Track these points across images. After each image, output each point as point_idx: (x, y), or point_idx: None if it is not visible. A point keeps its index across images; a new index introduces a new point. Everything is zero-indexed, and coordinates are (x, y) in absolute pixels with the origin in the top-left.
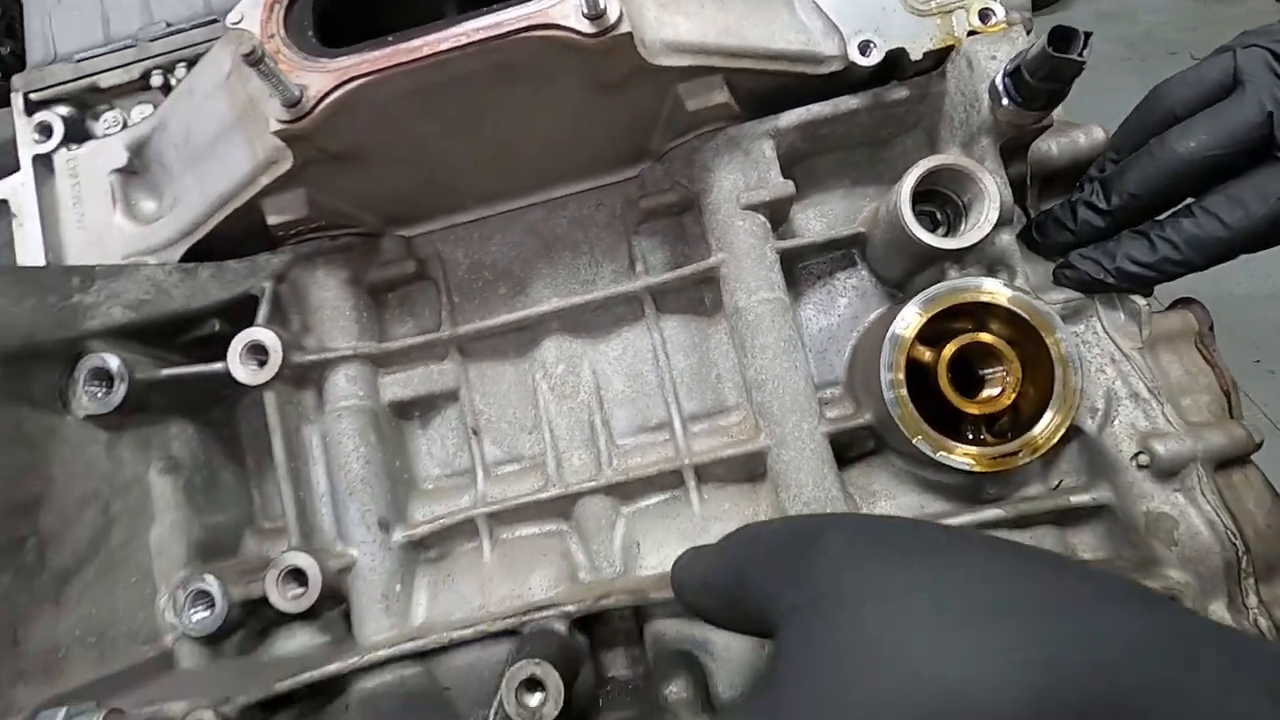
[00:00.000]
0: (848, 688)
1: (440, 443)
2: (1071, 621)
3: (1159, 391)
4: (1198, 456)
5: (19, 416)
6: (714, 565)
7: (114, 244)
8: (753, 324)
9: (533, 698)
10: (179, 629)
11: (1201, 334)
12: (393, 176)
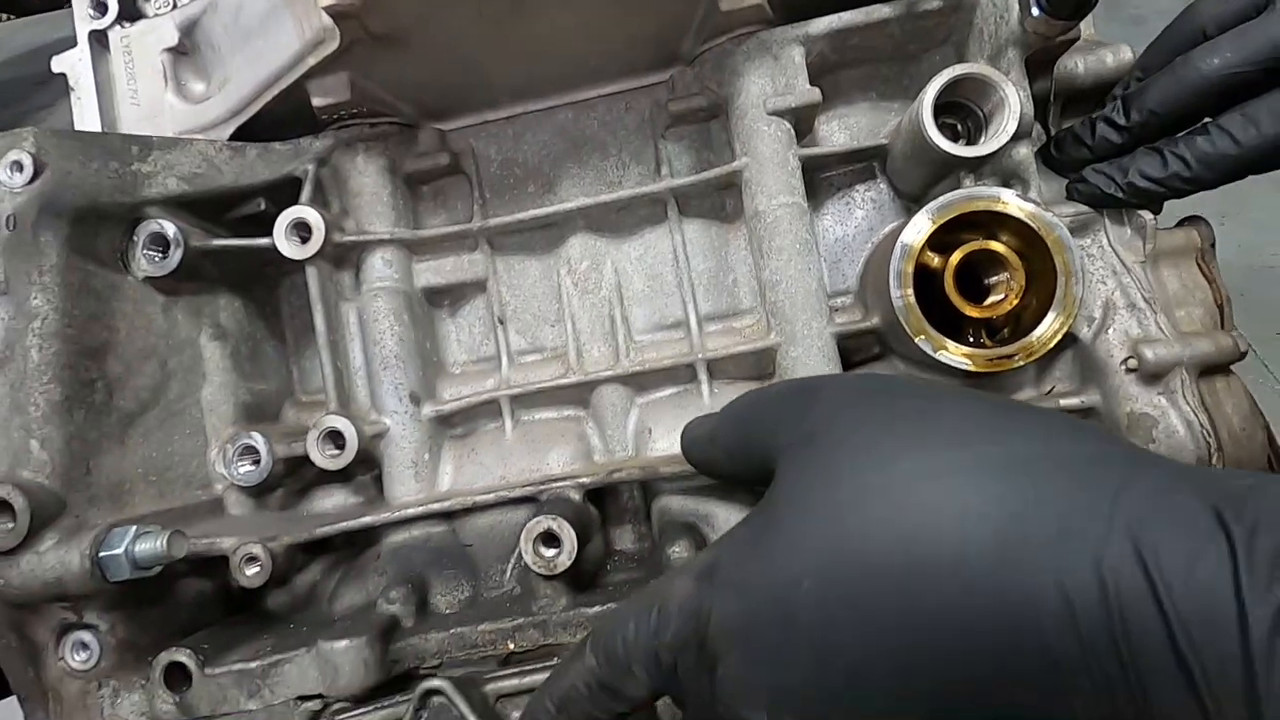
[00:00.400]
0: (836, 509)
1: (468, 330)
2: (1042, 480)
3: (1154, 302)
4: (1183, 361)
5: (87, 271)
6: (720, 421)
7: (166, 121)
8: (771, 226)
9: (549, 551)
10: (228, 479)
11: (1203, 250)
12: (431, 64)
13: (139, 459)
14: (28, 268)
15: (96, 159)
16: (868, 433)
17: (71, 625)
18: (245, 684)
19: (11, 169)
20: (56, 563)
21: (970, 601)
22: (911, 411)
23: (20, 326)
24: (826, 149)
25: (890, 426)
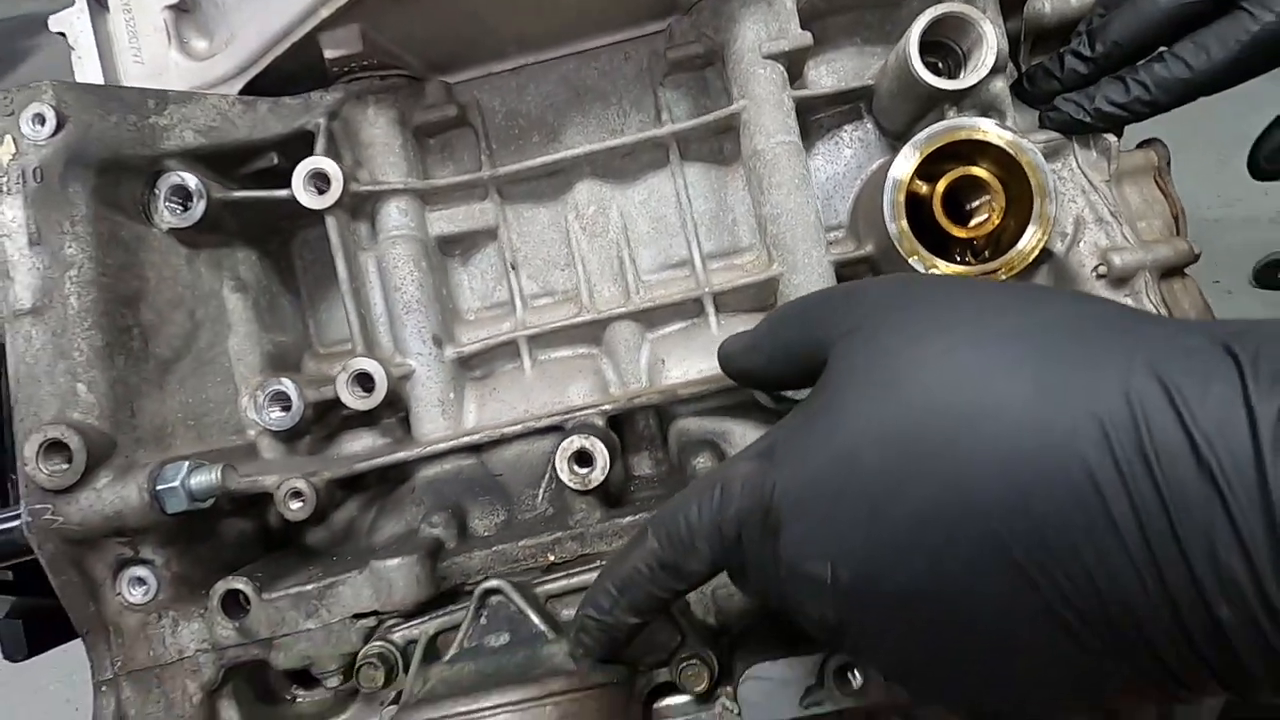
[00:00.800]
0: (888, 381)
1: (480, 278)
2: (1072, 335)
3: (1119, 215)
4: (1146, 265)
5: (114, 222)
6: (760, 331)
7: (172, 78)
8: (770, 163)
9: (583, 468)
10: (260, 425)
11: (1159, 169)
12: (440, 14)
13: (177, 404)
14: (59, 218)
15: (115, 112)
16: (912, 314)
17: (128, 561)
18: (302, 605)
19: (34, 121)
20: (115, 497)
21: (1017, 441)
22: (951, 295)
23: (57, 275)
24: (817, 90)
25: (933, 308)
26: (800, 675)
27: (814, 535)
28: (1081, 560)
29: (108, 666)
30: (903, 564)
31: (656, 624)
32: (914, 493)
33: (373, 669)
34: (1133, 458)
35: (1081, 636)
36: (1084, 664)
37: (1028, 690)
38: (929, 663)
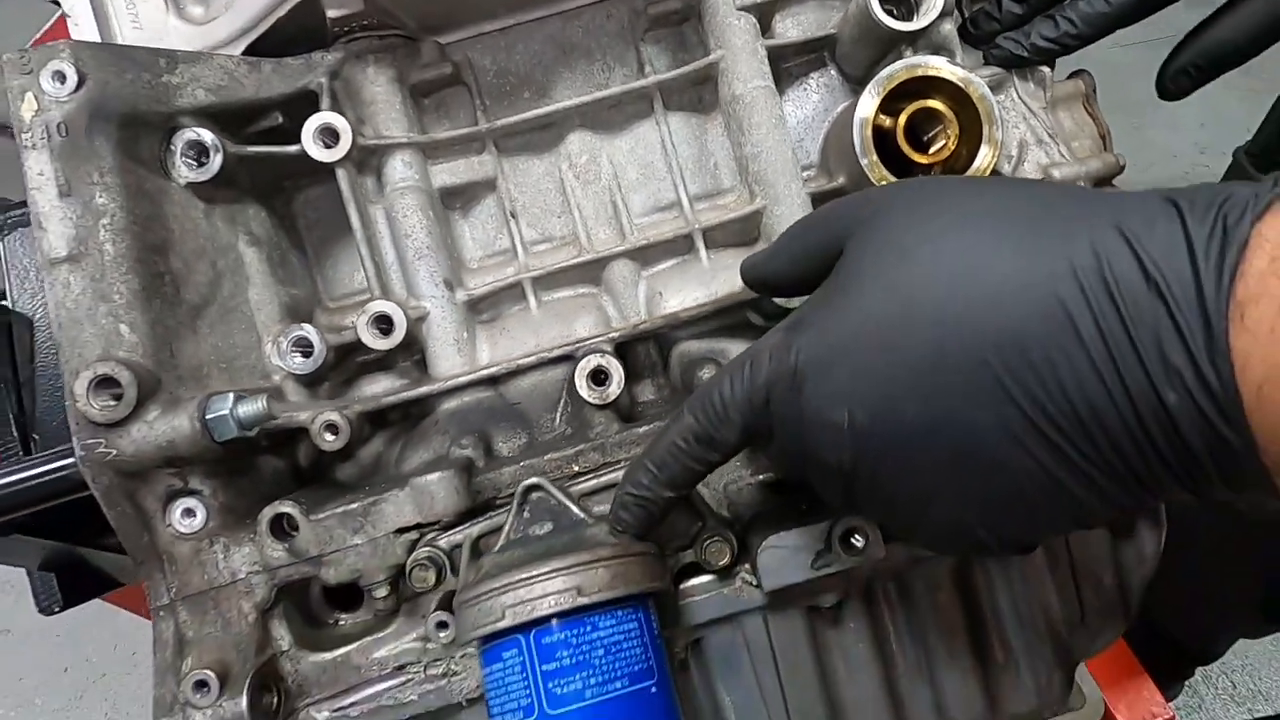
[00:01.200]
0: (895, 259)
1: (481, 228)
2: (1049, 204)
3: (1055, 137)
4: (1081, 177)
5: (138, 174)
6: (783, 239)
7: (174, 42)
8: (748, 105)
9: (600, 386)
10: (284, 370)
11: (1087, 95)
12: None
13: (209, 348)
14: (87, 169)
15: (129, 70)
16: (915, 205)
17: (177, 492)
18: (348, 523)
19: (55, 79)
20: (167, 427)
21: (1002, 288)
22: (944, 188)
23: (90, 224)
24: (786, 39)
25: (931, 199)
26: (810, 541)
27: (833, 387)
28: (1056, 373)
29: (164, 592)
30: (910, 401)
31: (679, 513)
32: (919, 340)
33: (423, 570)
34: (1095, 285)
35: (1063, 450)
36: (1070, 483)
37: (1021, 514)
38: (933, 494)
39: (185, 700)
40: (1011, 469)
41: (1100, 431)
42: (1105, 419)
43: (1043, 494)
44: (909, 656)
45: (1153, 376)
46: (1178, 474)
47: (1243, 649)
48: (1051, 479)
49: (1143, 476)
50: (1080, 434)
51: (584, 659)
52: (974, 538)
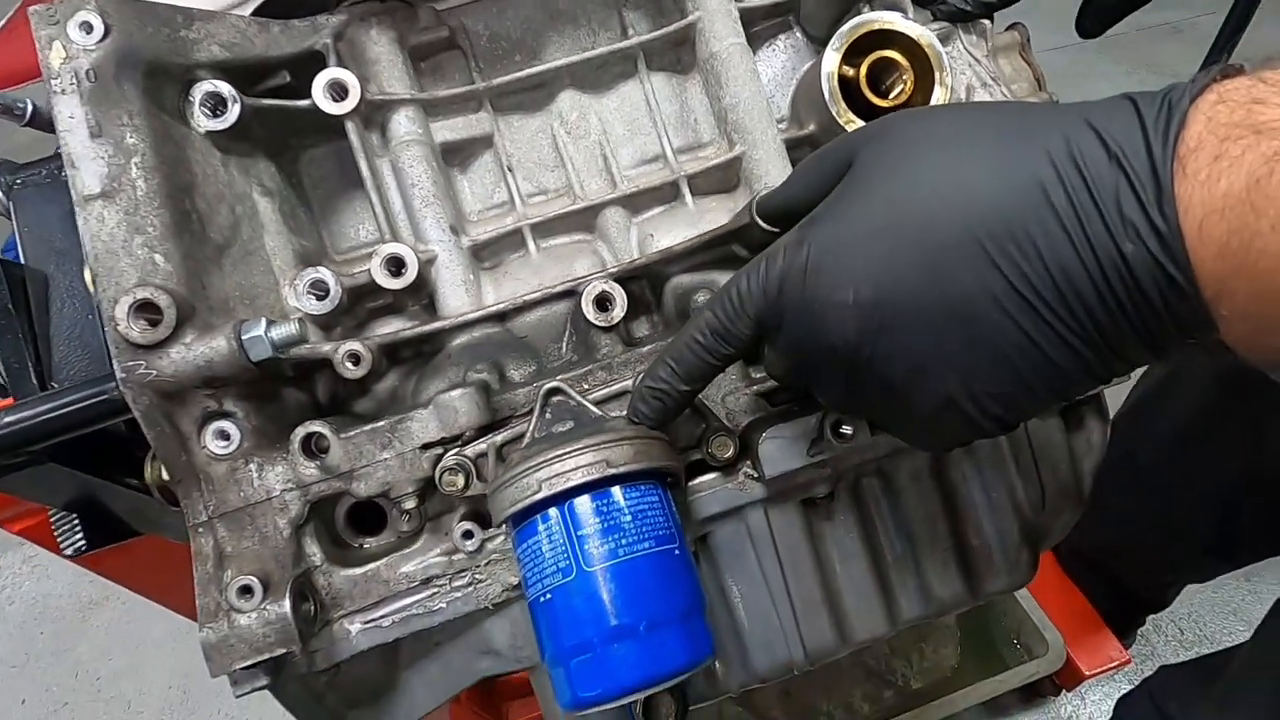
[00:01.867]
0: (895, 167)
1: (479, 182)
2: (1032, 115)
3: (998, 80)
4: None
5: (163, 120)
6: (799, 169)
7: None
8: (726, 61)
9: (604, 310)
10: (301, 311)
11: (1023, 44)
12: None
13: (233, 284)
14: (117, 112)
15: (150, 23)
16: (918, 120)
17: (212, 415)
18: (377, 439)
19: (82, 28)
20: (205, 348)
21: (990, 179)
22: (947, 108)
23: (122, 162)
24: (755, 3)
25: (935, 115)
26: (805, 432)
27: (841, 270)
28: (1034, 241)
29: (201, 510)
30: (909, 274)
31: (686, 418)
32: (917, 222)
33: (452, 474)
34: (1066, 164)
35: (1042, 315)
36: (1049, 350)
37: (1005, 382)
38: (927, 369)
39: (230, 606)
40: (997, 336)
41: (1073, 294)
42: (1076, 280)
43: (1025, 361)
44: (895, 545)
45: (1113, 231)
46: (1139, 329)
47: (1188, 597)
48: (1033, 345)
49: (1110, 338)
50: (1056, 298)
51: (614, 524)
52: (962, 415)
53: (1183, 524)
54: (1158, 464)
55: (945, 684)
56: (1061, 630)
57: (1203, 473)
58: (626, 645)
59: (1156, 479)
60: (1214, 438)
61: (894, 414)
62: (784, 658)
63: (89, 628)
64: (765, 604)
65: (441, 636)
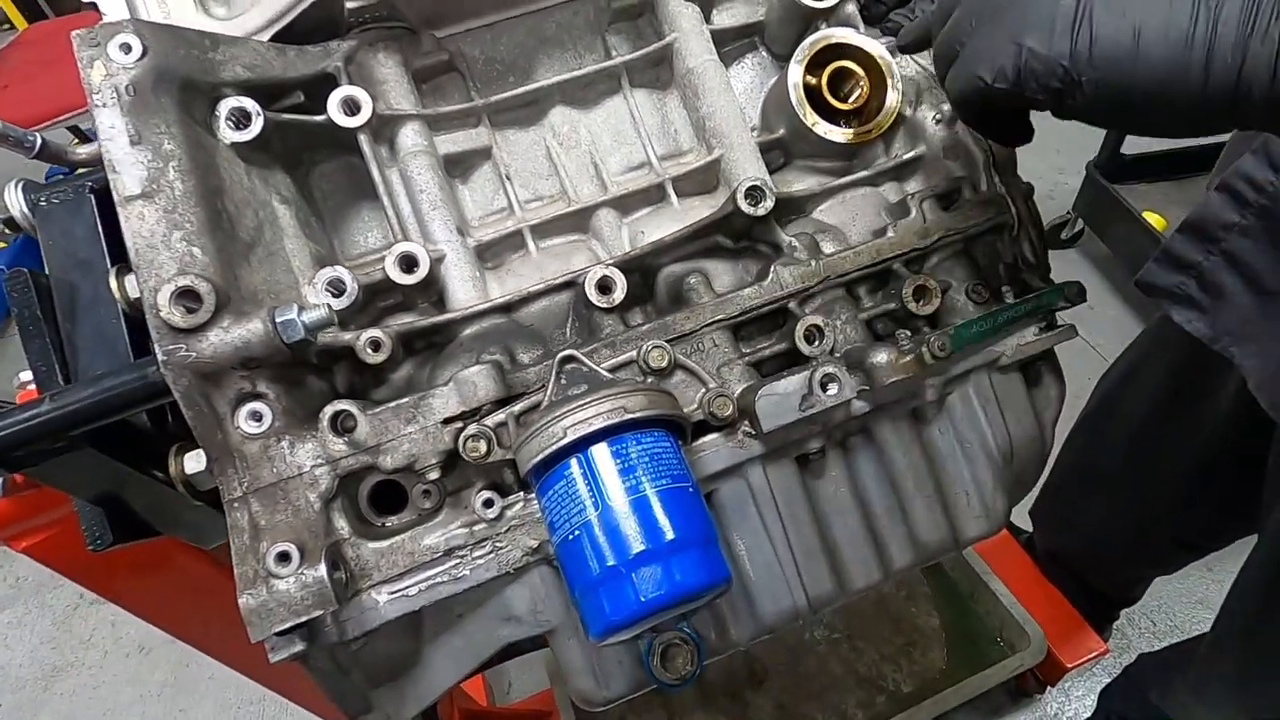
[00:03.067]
0: None
1: (480, 191)
2: None
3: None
4: None
5: (195, 130)
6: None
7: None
8: (701, 75)
9: (606, 293)
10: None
11: None
12: None
13: (260, 279)
14: (155, 121)
15: (182, 46)
16: None
17: (246, 396)
18: (402, 414)
19: (122, 49)
20: (243, 330)
21: None
22: None
23: (161, 165)
24: (725, 25)
25: None
26: (797, 388)
27: None
28: None
29: (236, 486)
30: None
31: (686, 382)
32: None
33: (475, 441)
34: None
35: None
36: None
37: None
38: None
39: (268, 572)
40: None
41: None
42: None
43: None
44: (883, 497)
45: None
46: None
47: (1158, 590)
48: None
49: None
50: None
51: (632, 464)
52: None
53: (1146, 522)
54: (1116, 470)
55: (935, 685)
56: (1042, 626)
57: (1159, 472)
58: (652, 567)
59: (1117, 484)
60: (1165, 438)
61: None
62: (789, 606)
63: (51, 696)
64: (769, 555)
65: (463, 608)
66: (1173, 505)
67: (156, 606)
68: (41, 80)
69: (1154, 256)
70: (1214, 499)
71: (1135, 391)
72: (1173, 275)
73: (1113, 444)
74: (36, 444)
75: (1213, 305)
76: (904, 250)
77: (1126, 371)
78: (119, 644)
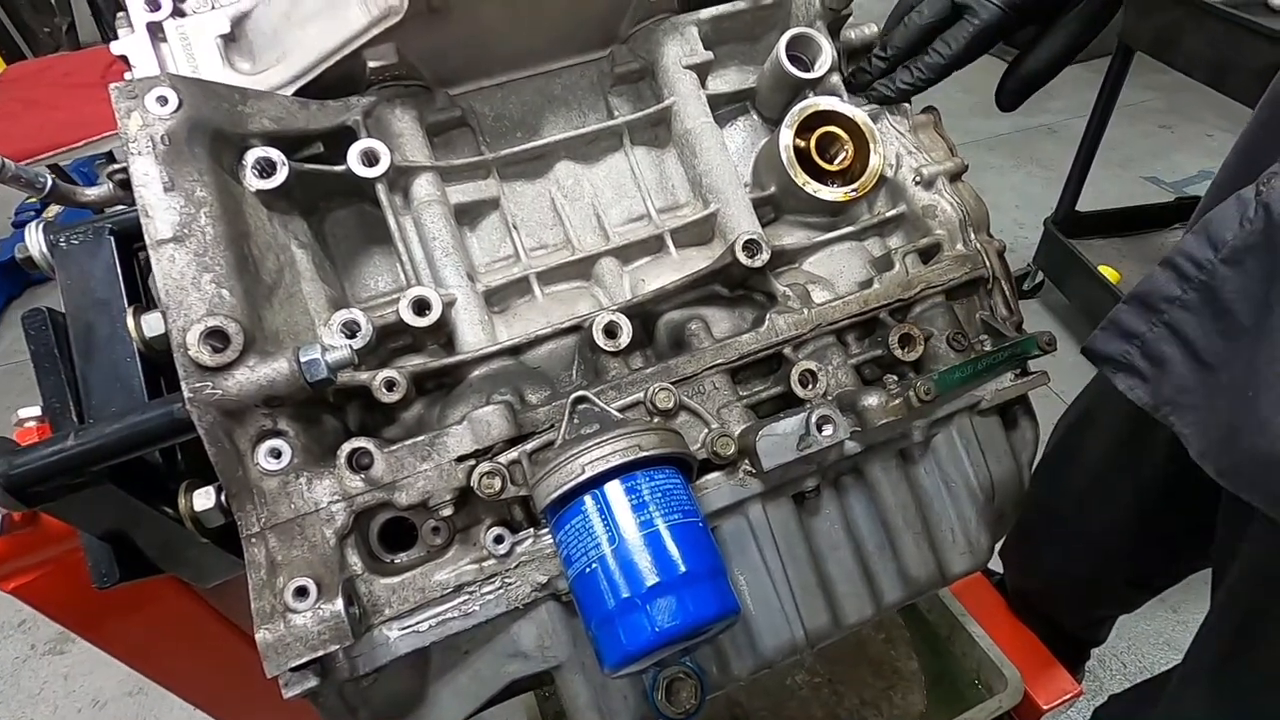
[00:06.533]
0: None
1: (487, 239)
2: None
3: (920, 149)
4: (941, 173)
5: (224, 178)
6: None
7: None
8: (699, 136)
9: (613, 337)
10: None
11: (935, 121)
12: (455, 35)
13: (281, 320)
14: (188, 169)
15: (214, 99)
16: None
17: (266, 433)
18: (417, 452)
19: (158, 101)
20: (268, 369)
21: None
22: None
23: (193, 211)
24: (720, 90)
25: None
26: (794, 429)
27: None
28: None
29: (254, 522)
30: None
31: (690, 422)
32: None
33: (490, 478)
34: None
35: None
36: None
37: None
38: None
39: (285, 606)
40: None
41: None
42: None
43: None
44: (874, 533)
45: None
46: None
47: (1126, 633)
48: None
49: None
50: None
51: (646, 500)
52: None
53: (1100, 564)
54: (1071, 513)
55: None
56: (1018, 667)
57: (1110, 515)
58: (666, 598)
59: (1073, 526)
60: (1115, 482)
61: None
62: (788, 639)
63: None
64: (768, 590)
65: (470, 644)
66: (1124, 548)
67: (141, 649)
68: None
69: (1101, 325)
70: (1162, 541)
71: (1088, 438)
72: (1118, 344)
73: (1068, 488)
74: (60, 478)
75: (1154, 374)
76: (889, 300)
77: (1080, 417)
78: (71, 698)
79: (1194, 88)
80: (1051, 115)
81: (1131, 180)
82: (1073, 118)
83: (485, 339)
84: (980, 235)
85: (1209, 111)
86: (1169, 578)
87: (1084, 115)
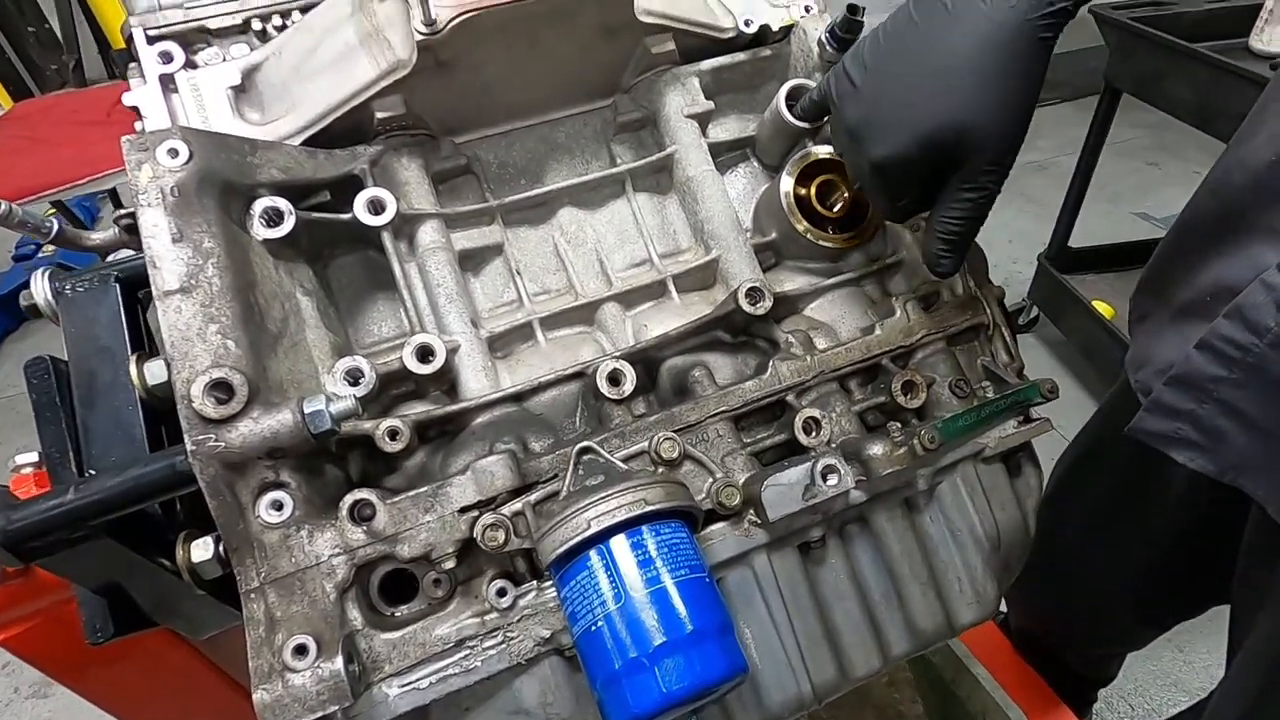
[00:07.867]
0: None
1: (490, 284)
2: None
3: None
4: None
5: (232, 229)
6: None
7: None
8: (700, 184)
9: (616, 385)
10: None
11: None
12: (461, 87)
13: (285, 369)
14: (196, 220)
15: (224, 151)
16: None
17: (268, 485)
18: (420, 503)
19: (169, 154)
20: (272, 421)
21: None
22: None
23: (200, 262)
24: (721, 138)
25: None
26: (800, 479)
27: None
28: None
29: (254, 577)
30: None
31: (695, 472)
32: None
33: (494, 530)
34: None
35: None
36: None
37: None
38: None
39: (284, 665)
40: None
41: None
42: None
43: None
44: (880, 583)
45: None
46: None
47: (1133, 673)
48: None
49: None
50: None
51: (652, 555)
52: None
53: (1107, 602)
54: (1076, 550)
55: None
56: (1025, 708)
57: (1116, 553)
58: (674, 659)
59: (1078, 564)
60: (1121, 520)
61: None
62: (794, 693)
63: None
64: (775, 643)
65: (471, 701)
66: (1132, 585)
67: (130, 700)
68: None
69: (1144, 407)
70: (1172, 581)
71: (1091, 475)
72: (1167, 422)
73: (1072, 525)
74: (58, 533)
75: (1213, 445)
76: (891, 347)
77: (1082, 454)
78: None
79: (1180, 126)
80: (1039, 153)
81: (1122, 216)
82: (1060, 155)
83: (488, 386)
84: (980, 280)
85: (1195, 149)
86: (1179, 615)
87: (1071, 152)
